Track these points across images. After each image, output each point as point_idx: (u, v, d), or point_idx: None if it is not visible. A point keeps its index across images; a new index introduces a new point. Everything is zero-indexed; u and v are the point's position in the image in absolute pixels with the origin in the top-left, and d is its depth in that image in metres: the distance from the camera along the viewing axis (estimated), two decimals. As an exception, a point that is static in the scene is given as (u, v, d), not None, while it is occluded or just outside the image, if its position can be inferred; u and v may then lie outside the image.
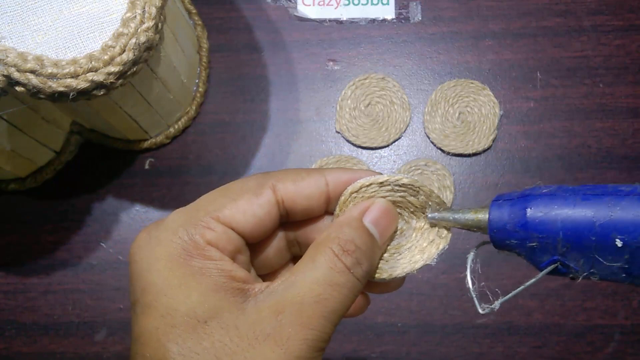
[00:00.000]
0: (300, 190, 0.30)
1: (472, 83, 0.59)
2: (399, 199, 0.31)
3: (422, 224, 0.31)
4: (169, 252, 0.28)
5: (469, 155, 0.58)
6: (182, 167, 0.59)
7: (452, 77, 0.60)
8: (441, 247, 0.31)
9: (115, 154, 0.59)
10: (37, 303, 0.56)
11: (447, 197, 0.57)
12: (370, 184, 0.30)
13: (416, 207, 0.31)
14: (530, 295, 0.55)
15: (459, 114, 0.59)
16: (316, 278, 0.28)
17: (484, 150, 0.58)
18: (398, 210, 0.31)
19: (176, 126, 0.58)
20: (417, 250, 0.31)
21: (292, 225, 0.32)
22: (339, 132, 0.59)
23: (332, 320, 0.28)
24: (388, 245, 0.31)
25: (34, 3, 0.41)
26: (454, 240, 0.32)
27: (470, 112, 0.59)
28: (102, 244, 0.57)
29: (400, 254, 0.31)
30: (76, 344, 0.56)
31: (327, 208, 0.31)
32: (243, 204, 0.29)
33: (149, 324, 0.27)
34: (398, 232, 0.31)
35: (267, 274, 0.33)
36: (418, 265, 0.31)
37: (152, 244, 0.29)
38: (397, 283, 0.33)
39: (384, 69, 0.60)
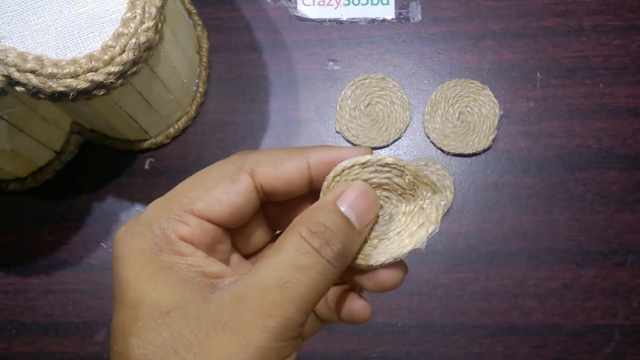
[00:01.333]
0: (280, 175, 0.29)
1: (472, 83, 0.59)
2: (385, 180, 0.29)
3: (412, 207, 0.30)
4: (142, 247, 0.28)
5: (469, 155, 0.58)
6: (182, 167, 0.59)
7: (452, 77, 0.60)
8: (431, 230, 0.29)
9: (115, 154, 0.59)
10: (37, 303, 0.56)
11: (447, 197, 0.57)
12: (353, 166, 0.29)
13: (404, 189, 0.29)
14: (530, 295, 0.55)
15: (459, 114, 0.59)
16: (280, 262, 0.26)
17: (484, 150, 0.58)
18: (385, 193, 0.30)
19: (176, 126, 0.58)
20: (406, 234, 0.30)
21: (275, 205, 0.31)
22: (339, 132, 0.59)
23: (299, 306, 0.26)
24: (372, 230, 0.30)
25: (34, 3, 0.41)
26: (454, 240, 0.32)
27: (470, 112, 0.59)
28: (102, 244, 0.57)
29: (389, 239, 0.30)
30: (76, 344, 0.56)
31: (311, 188, 0.30)
32: (218, 193, 0.28)
33: (118, 318, 0.27)
34: (387, 217, 0.30)
35: (253, 254, 0.33)
36: (406, 250, 0.29)
37: (127, 238, 0.28)
38: (394, 281, 0.31)
39: (384, 69, 0.60)
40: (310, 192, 0.30)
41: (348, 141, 0.59)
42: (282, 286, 0.26)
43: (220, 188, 0.28)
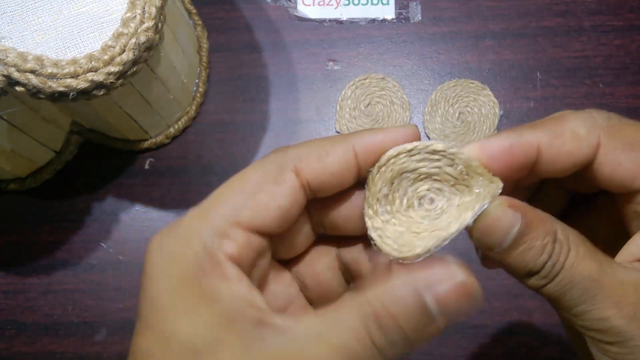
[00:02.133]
0: (327, 168, 0.26)
1: (472, 83, 0.59)
2: (435, 170, 0.26)
3: (467, 199, 0.26)
4: (182, 269, 0.24)
5: (469, 155, 0.58)
6: (182, 167, 0.59)
7: (452, 77, 0.60)
8: (477, 207, 0.25)
9: (115, 154, 0.59)
10: (37, 303, 0.56)
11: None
12: (398, 154, 0.26)
13: (456, 179, 0.26)
14: (530, 295, 0.55)
15: (459, 114, 0.59)
16: (336, 345, 0.23)
17: (484, 150, 0.58)
18: (437, 185, 0.26)
19: (176, 126, 0.58)
20: (455, 221, 0.26)
21: (318, 201, 0.27)
22: (339, 132, 0.59)
23: None
24: (421, 224, 0.26)
25: (34, 3, 0.41)
26: (454, 240, 0.30)
27: (470, 112, 0.59)
28: (102, 244, 0.57)
29: (436, 230, 0.26)
30: (76, 344, 0.56)
31: (359, 177, 0.27)
32: (264, 198, 0.25)
33: (144, 343, 0.25)
34: (439, 212, 0.26)
35: (290, 259, 0.30)
36: (453, 229, 0.25)
37: (164, 256, 0.25)
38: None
39: (384, 69, 0.60)
40: (358, 182, 0.27)
41: (348, 141, 0.59)
42: None
43: (265, 192, 0.25)
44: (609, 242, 0.28)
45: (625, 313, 0.24)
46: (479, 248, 0.26)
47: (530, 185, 0.30)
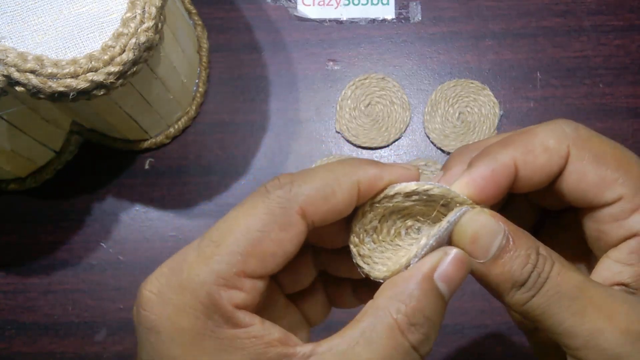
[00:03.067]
0: (333, 208, 0.25)
1: (472, 83, 0.59)
2: (428, 209, 0.26)
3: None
4: (193, 325, 0.23)
5: (469, 155, 0.58)
6: (182, 167, 0.59)
7: (452, 77, 0.60)
8: (459, 209, 0.26)
9: (115, 154, 0.59)
10: (37, 303, 0.56)
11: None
12: (395, 194, 0.26)
13: (444, 215, 0.26)
14: (530, 295, 0.55)
15: (459, 114, 0.59)
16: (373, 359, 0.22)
17: (484, 150, 0.58)
18: (422, 219, 0.27)
19: (176, 126, 0.58)
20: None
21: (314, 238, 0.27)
22: (339, 132, 0.59)
23: None
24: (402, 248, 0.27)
25: (34, 3, 0.41)
26: None
27: (470, 112, 0.59)
28: (102, 244, 0.57)
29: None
30: (76, 344, 0.56)
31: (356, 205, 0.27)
32: (271, 246, 0.24)
33: None
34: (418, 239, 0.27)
35: (293, 294, 0.30)
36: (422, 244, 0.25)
37: (168, 309, 0.24)
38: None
39: (384, 69, 0.60)
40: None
41: (348, 141, 0.59)
42: None
43: (271, 239, 0.24)
44: (576, 261, 0.28)
45: (619, 326, 0.23)
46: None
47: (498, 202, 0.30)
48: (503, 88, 0.59)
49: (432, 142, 0.59)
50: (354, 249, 0.27)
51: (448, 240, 0.26)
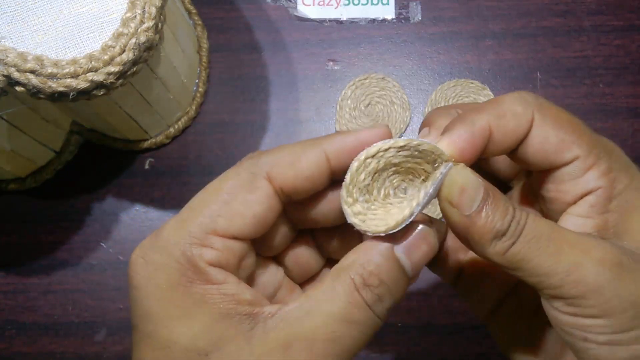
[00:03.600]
0: (300, 173, 0.27)
1: (472, 83, 0.59)
2: (415, 165, 0.28)
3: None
4: (168, 279, 0.26)
5: (469, 155, 0.58)
6: (182, 167, 0.59)
7: (452, 77, 0.60)
8: (444, 166, 0.27)
9: (115, 154, 0.59)
10: (37, 303, 0.56)
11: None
12: (389, 148, 0.27)
13: (428, 173, 0.28)
14: (530, 295, 0.55)
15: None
16: (332, 312, 0.25)
17: (484, 150, 0.58)
18: (410, 177, 0.28)
19: (176, 126, 0.58)
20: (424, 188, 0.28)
21: (295, 203, 0.29)
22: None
23: (347, 358, 0.25)
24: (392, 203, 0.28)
25: (34, 3, 0.41)
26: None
27: (470, 112, 0.59)
28: (102, 244, 0.57)
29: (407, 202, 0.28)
30: (76, 344, 0.56)
31: (332, 179, 0.29)
32: (239, 206, 0.27)
33: (147, 354, 0.26)
34: (411, 197, 0.28)
35: (275, 256, 0.31)
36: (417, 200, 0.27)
37: (149, 268, 0.26)
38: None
39: (384, 69, 0.60)
40: (332, 183, 0.29)
41: (348, 141, 0.59)
42: (333, 340, 0.25)
43: (238, 200, 0.27)
44: None
45: (595, 256, 0.25)
46: (447, 219, 0.28)
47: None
48: (503, 88, 0.59)
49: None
50: (347, 209, 0.27)
51: (436, 195, 0.27)
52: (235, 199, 0.27)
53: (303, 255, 0.32)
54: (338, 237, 0.32)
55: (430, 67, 0.60)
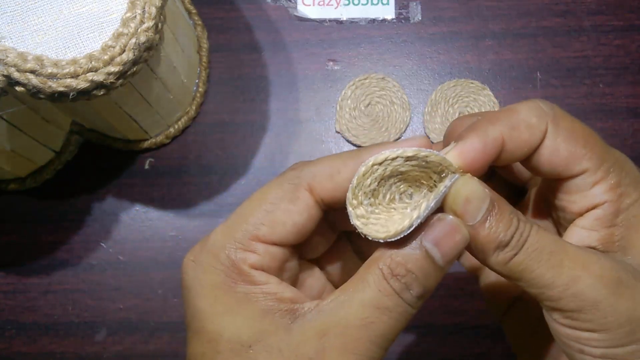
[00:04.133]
0: (339, 185, 0.29)
1: (472, 83, 0.59)
2: (422, 174, 0.28)
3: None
4: (214, 280, 0.28)
5: (469, 155, 0.58)
6: (182, 167, 0.59)
7: (452, 77, 0.60)
8: (450, 178, 0.28)
9: (115, 154, 0.59)
10: (37, 303, 0.56)
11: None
12: (397, 157, 0.27)
13: (435, 182, 0.28)
14: (530, 295, 0.55)
15: (459, 114, 0.59)
16: (363, 300, 0.26)
17: (484, 150, 0.58)
18: (417, 183, 0.29)
19: (176, 126, 0.58)
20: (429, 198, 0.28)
21: (336, 210, 0.30)
22: (339, 132, 0.59)
23: (381, 345, 0.26)
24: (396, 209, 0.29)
25: (34, 3, 0.41)
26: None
27: (470, 112, 0.59)
28: (102, 244, 0.57)
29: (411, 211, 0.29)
30: (76, 344, 0.56)
31: None
32: (281, 215, 0.28)
33: (196, 348, 0.28)
34: (417, 204, 0.29)
35: (318, 258, 0.33)
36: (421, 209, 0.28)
37: (197, 270, 0.29)
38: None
39: (384, 69, 0.60)
40: None
41: (348, 141, 0.59)
42: (366, 326, 0.26)
43: (281, 210, 0.29)
44: None
45: (594, 272, 0.26)
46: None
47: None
48: (503, 88, 0.59)
49: (432, 142, 0.58)
50: (351, 210, 0.28)
51: (441, 205, 0.28)
52: (278, 208, 0.29)
53: (342, 260, 0.34)
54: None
55: (430, 67, 0.60)
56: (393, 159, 0.27)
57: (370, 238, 0.28)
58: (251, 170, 0.58)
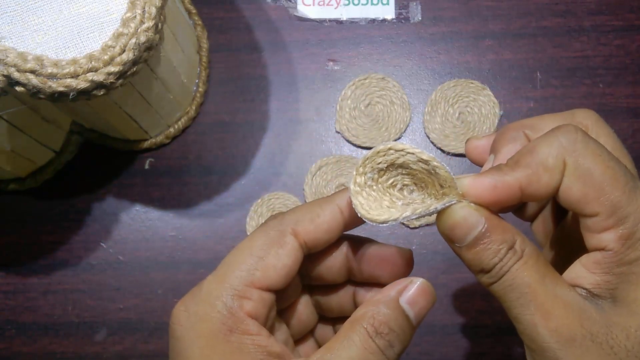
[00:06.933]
0: (319, 228, 0.31)
1: (472, 83, 0.59)
2: (427, 179, 0.30)
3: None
4: (209, 329, 0.29)
5: (469, 155, 0.58)
6: (182, 167, 0.59)
7: (452, 77, 0.60)
8: (447, 199, 0.29)
9: (115, 154, 0.59)
10: (37, 303, 0.56)
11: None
12: (413, 153, 0.29)
13: (438, 193, 0.30)
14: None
15: (459, 114, 0.59)
16: (350, 358, 0.28)
17: (484, 150, 0.58)
18: (422, 184, 0.30)
19: (176, 126, 0.58)
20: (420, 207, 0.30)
21: (306, 260, 0.32)
22: (339, 132, 0.59)
23: None
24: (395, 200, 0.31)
25: (34, 3, 0.41)
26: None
27: (470, 112, 0.59)
28: (102, 244, 0.57)
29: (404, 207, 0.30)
30: (76, 344, 0.56)
31: (344, 229, 0.32)
32: (272, 259, 0.30)
33: None
34: (412, 201, 0.31)
35: (286, 309, 0.34)
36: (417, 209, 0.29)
37: (192, 320, 0.29)
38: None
39: (384, 69, 0.60)
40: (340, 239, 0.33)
41: (348, 141, 0.59)
42: None
43: (271, 255, 0.30)
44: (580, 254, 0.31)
45: (550, 325, 0.27)
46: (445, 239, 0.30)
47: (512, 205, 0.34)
48: (503, 88, 0.59)
49: (432, 142, 0.59)
50: (354, 175, 0.30)
51: (435, 217, 0.30)
52: (269, 254, 0.30)
53: (303, 312, 0.35)
54: (334, 295, 0.35)
55: (430, 67, 0.60)
56: (409, 153, 0.29)
57: (353, 206, 0.30)
58: (251, 170, 0.58)
